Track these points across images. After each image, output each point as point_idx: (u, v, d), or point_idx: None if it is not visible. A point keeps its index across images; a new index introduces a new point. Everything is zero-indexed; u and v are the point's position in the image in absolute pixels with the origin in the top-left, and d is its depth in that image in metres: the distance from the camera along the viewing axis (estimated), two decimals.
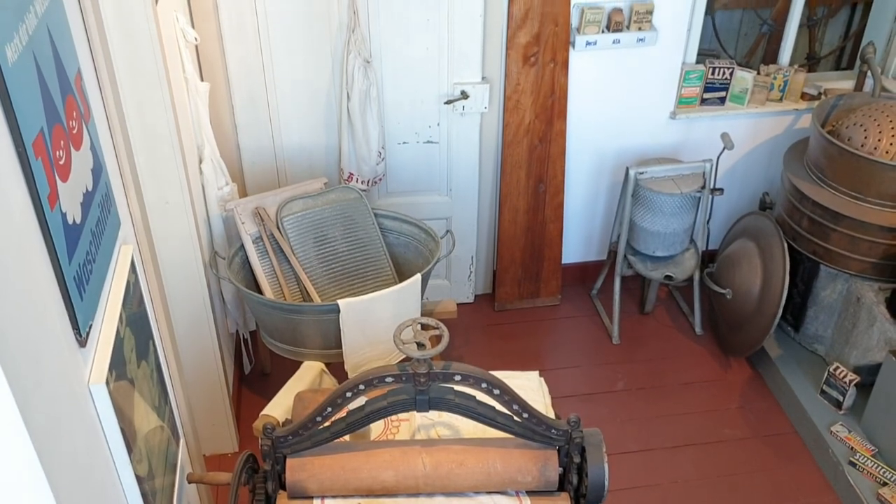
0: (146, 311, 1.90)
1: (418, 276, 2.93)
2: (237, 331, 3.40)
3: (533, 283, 3.87)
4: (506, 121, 3.47)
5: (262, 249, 3.08)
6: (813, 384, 3.32)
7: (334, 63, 3.23)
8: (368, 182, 3.40)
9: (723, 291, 3.58)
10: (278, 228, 3.09)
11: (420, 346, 2.15)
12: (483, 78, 3.37)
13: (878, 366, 2.99)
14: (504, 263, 3.80)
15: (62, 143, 1.33)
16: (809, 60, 4.55)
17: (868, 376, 3.10)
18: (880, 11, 3.77)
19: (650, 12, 3.33)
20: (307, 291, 3.05)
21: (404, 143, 3.48)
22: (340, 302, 2.83)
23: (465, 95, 3.36)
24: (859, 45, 4.17)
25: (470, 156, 3.55)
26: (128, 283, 1.69)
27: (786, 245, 3.31)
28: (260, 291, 3.04)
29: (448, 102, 3.37)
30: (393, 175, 3.54)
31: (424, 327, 2.26)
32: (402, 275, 3.21)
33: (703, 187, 3.49)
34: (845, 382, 3.15)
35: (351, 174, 3.37)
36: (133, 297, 1.74)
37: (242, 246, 3.06)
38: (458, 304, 3.80)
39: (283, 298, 3.04)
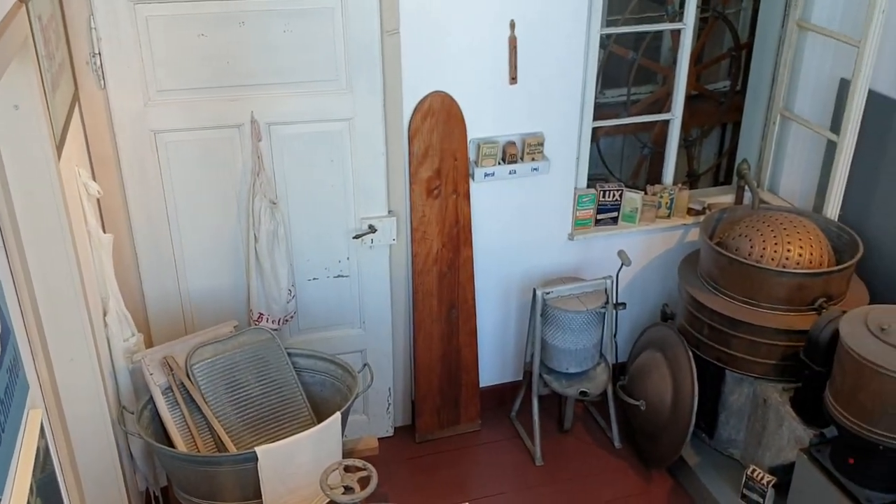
0: (55, 476, 1.79)
1: (338, 415, 2.88)
2: (147, 488, 3.21)
3: (452, 410, 3.86)
4: (414, 251, 3.54)
5: (172, 400, 2.97)
6: (733, 489, 3.38)
7: (240, 206, 3.25)
8: (279, 321, 3.37)
9: (636, 403, 3.66)
10: (188, 377, 3.00)
11: (348, 489, 2.11)
12: (389, 211, 3.45)
13: (792, 465, 3.08)
14: (422, 392, 3.78)
15: None
16: (690, 178, 4.88)
17: (784, 476, 3.18)
18: (749, 131, 4.12)
19: (541, 144, 3.53)
20: (222, 441, 2.94)
21: (314, 279, 3.49)
22: (258, 449, 2.73)
23: (372, 229, 3.42)
24: (733, 161, 4.52)
25: (381, 287, 3.58)
26: (38, 449, 1.60)
27: (690, 353, 3.43)
28: (171, 445, 2.91)
29: (356, 237, 3.42)
30: (304, 312, 3.52)
31: (350, 469, 2.22)
32: (320, 414, 3.14)
33: (607, 303, 3.62)
34: (763, 484, 3.22)
35: (261, 314, 3.33)
36: (42, 462, 1.65)
37: (151, 398, 2.95)
38: (379, 439, 3.74)
39: (197, 450, 2.91)
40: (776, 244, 3.28)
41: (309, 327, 3.56)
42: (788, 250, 3.26)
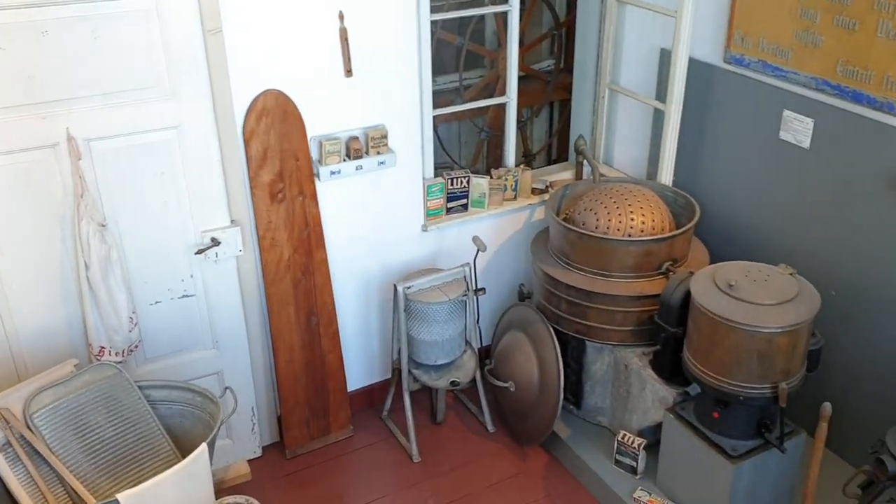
0: None
1: (204, 446, 2.69)
2: None
3: (322, 419, 3.72)
4: (264, 260, 3.37)
5: (13, 456, 2.66)
6: (606, 456, 3.47)
7: (65, 232, 2.95)
8: (123, 352, 3.11)
9: (505, 385, 3.68)
10: (29, 428, 2.70)
11: None
12: (232, 221, 3.26)
13: (660, 425, 3.21)
14: (288, 406, 3.62)
15: None
16: (526, 158, 4.97)
17: (653, 436, 3.31)
18: (579, 108, 4.23)
19: (384, 136, 3.45)
20: (77, 493, 2.67)
21: (157, 302, 3.24)
22: (119, 496, 2.50)
23: (216, 242, 3.22)
24: (564, 138, 4.65)
25: (232, 302, 3.38)
26: None
27: (551, 329, 3.49)
28: None
29: (199, 252, 3.21)
30: (150, 339, 3.27)
31: None
32: (183, 448, 2.93)
33: (468, 290, 3.60)
34: (634, 448, 3.33)
35: (102, 348, 3.06)
36: None
37: None
38: (248, 461, 3.56)
39: None
40: (620, 214, 3.38)
41: (157, 355, 3.31)
42: (632, 219, 3.36)
